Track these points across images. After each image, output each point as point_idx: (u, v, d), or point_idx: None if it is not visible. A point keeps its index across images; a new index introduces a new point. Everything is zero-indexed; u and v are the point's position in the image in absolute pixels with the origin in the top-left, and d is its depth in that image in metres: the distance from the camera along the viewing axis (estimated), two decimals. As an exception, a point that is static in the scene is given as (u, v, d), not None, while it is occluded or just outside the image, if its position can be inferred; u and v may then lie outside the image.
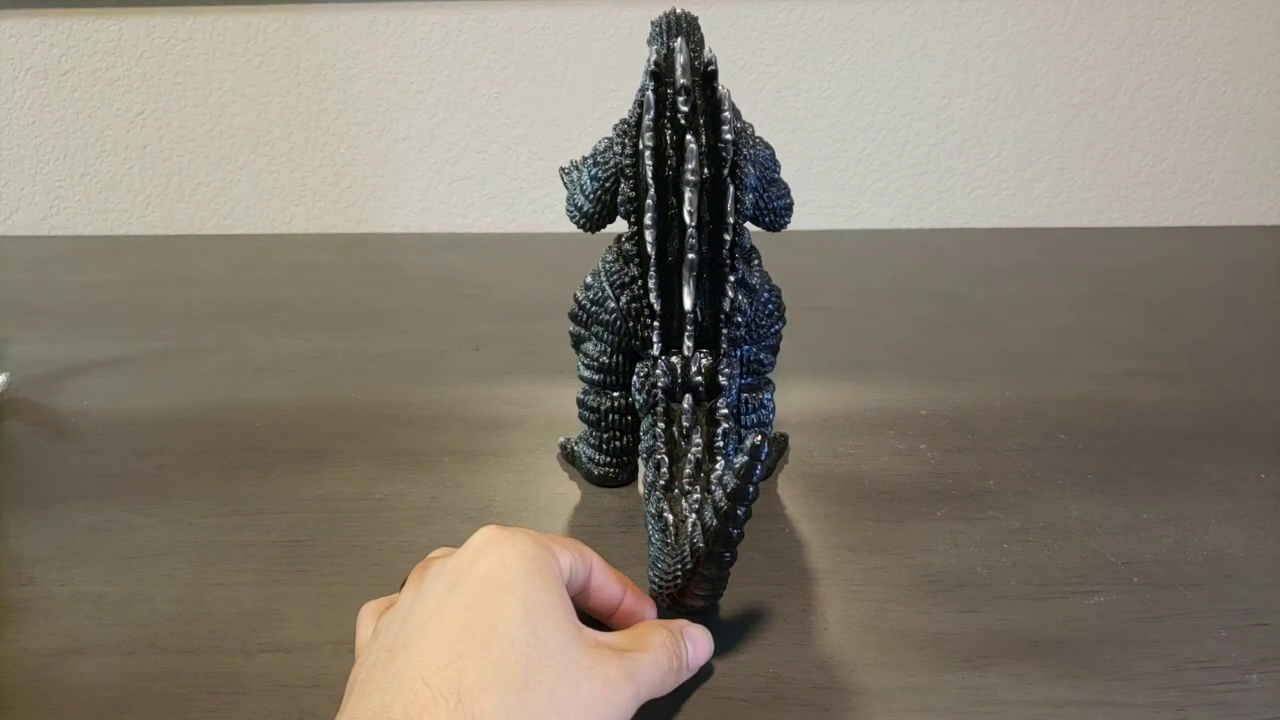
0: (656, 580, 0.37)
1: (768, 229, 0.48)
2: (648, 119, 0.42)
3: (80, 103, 0.97)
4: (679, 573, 0.35)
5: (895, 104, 0.96)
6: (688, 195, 0.41)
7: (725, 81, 0.43)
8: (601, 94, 0.96)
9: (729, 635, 0.38)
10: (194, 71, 0.95)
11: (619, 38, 0.94)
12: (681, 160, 0.42)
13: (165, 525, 0.46)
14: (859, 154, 0.98)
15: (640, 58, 0.49)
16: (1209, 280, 0.81)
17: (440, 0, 0.93)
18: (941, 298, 0.77)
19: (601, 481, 0.49)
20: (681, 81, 0.42)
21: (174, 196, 1.00)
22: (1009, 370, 0.63)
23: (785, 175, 0.49)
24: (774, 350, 0.49)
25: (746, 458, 0.32)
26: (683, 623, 0.35)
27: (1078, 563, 0.43)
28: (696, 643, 0.35)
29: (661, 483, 0.40)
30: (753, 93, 0.94)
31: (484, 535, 0.32)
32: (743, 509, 0.33)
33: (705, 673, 0.36)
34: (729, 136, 0.42)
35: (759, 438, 0.32)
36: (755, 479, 0.33)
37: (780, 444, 0.53)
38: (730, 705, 0.35)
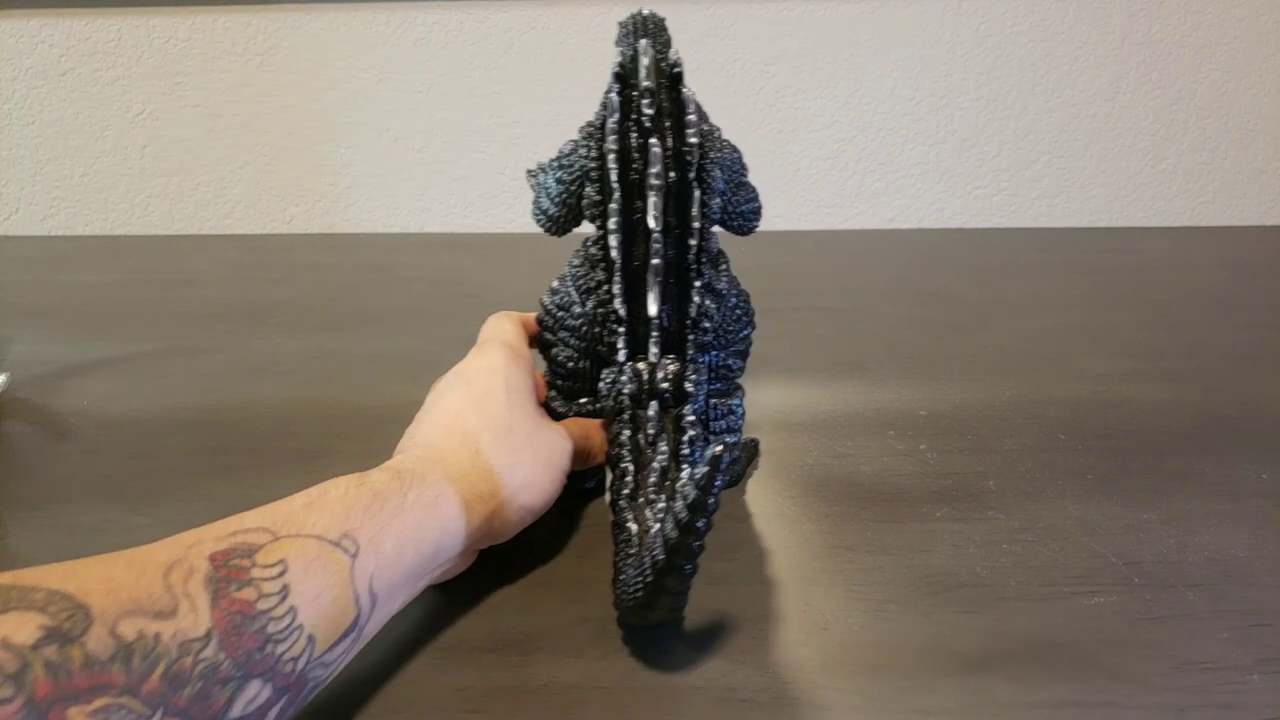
0: (619, 593, 0.36)
1: (736, 233, 0.47)
2: (611, 122, 0.42)
3: (80, 103, 0.97)
4: (640, 585, 0.35)
5: (895, 104, 0.96)
6: (651, 199, 0.41)
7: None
8: (601, 94, 0.95)
9: (729, 635, 0.38)
10: (194, 71, 0.95)
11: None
12: (646, 164, 0.41)
13: (164, 525, 0.46)
14: (858, 154, 0.98)
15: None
16: (1209, 280, 0.81)
17: (440, 0, 0.93)
18: (941, 298, 0.77)
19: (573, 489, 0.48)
20: (645, 84, 0.41)
21: (173, 196, 1.00)
22: (1009, 370, 0.63)
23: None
24: (743, 355, 0.48)
25: (706, 467, 0.32)
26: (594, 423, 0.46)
27: (1078, 563, 0.43)
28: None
29: (626, 491, 0.39)
30: (752, 93, 0.94)
31: (477, 348, 0.45)
32: (702, 521, 0.32)
33: (706, 673, 0.36)
34: (693, 140, 0.42)
35: (719, 447, 0.31)
36: (715, 489, 0.32)
37: (750, 449, 0.52)
38: (730, 705, 0.35)
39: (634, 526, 0.37)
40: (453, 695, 0.35)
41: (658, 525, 0.36)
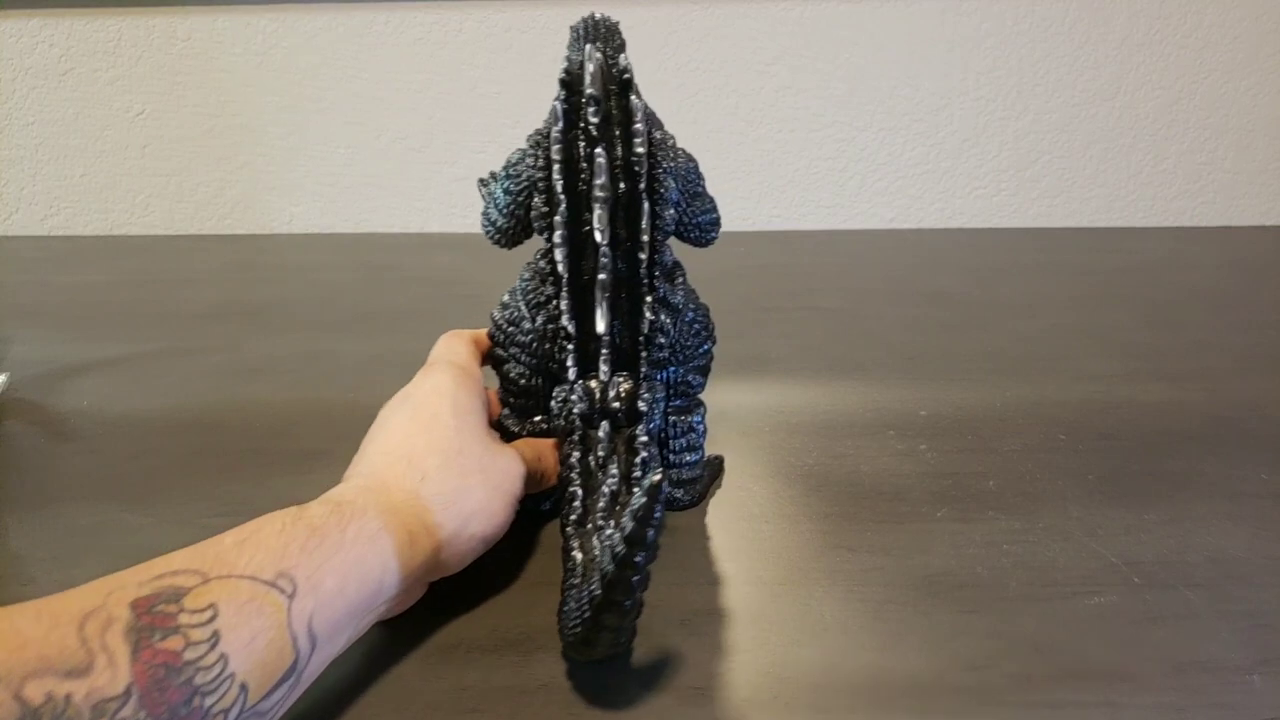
0: (560, 626, 0.35)
1: (694, 244, 0.45)
2: (555, 131, 0.40)
3: (80, 103, 0.97)
4: (578, 620, 0.33)
5: (895, 104, 0.96)
6: (596, 212, 0.39)
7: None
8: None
9: (729, 635, 0.38)
10: (194, 71, 0.95)
11: (619, 38, 0.94)
12: (593, 174, 0.39)
13: (164, 526, 0.46)
14: (858, 154, 0.98)
15: (641, 60, 0.48)
16: (1209, 280, 0.81)
17: (440, 0, 0.93)
18: (941, 298, 0.77)
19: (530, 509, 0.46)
20: (590, 91, 0.39)
21: (173, 196, 1.00)
22: (1009, 370, 0.63)
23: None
24: (704, 371, 0.46)
25: (644, 498, 0.29)
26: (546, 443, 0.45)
27: (1078, 564, 0.43)
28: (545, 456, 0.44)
29: (574, 517, 0.37)
30: (752, 93, 0.94)
31: (425, 368, 0.44)
32: (640, 555, 0.30)
33: (705, 673, 0.36)
34: (640, 150, 0.40)
35: (657, 476, 0.29)
36: (655, 521, 0.30)
37: (715, 467, 0.50)
38: (730, 705, 0.35)
39: (579, 555, 0.35)
40: (453, 695, 0.35)
41: (600, 555, 0.34)
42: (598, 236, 0.39)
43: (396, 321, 0.73)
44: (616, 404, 0.40)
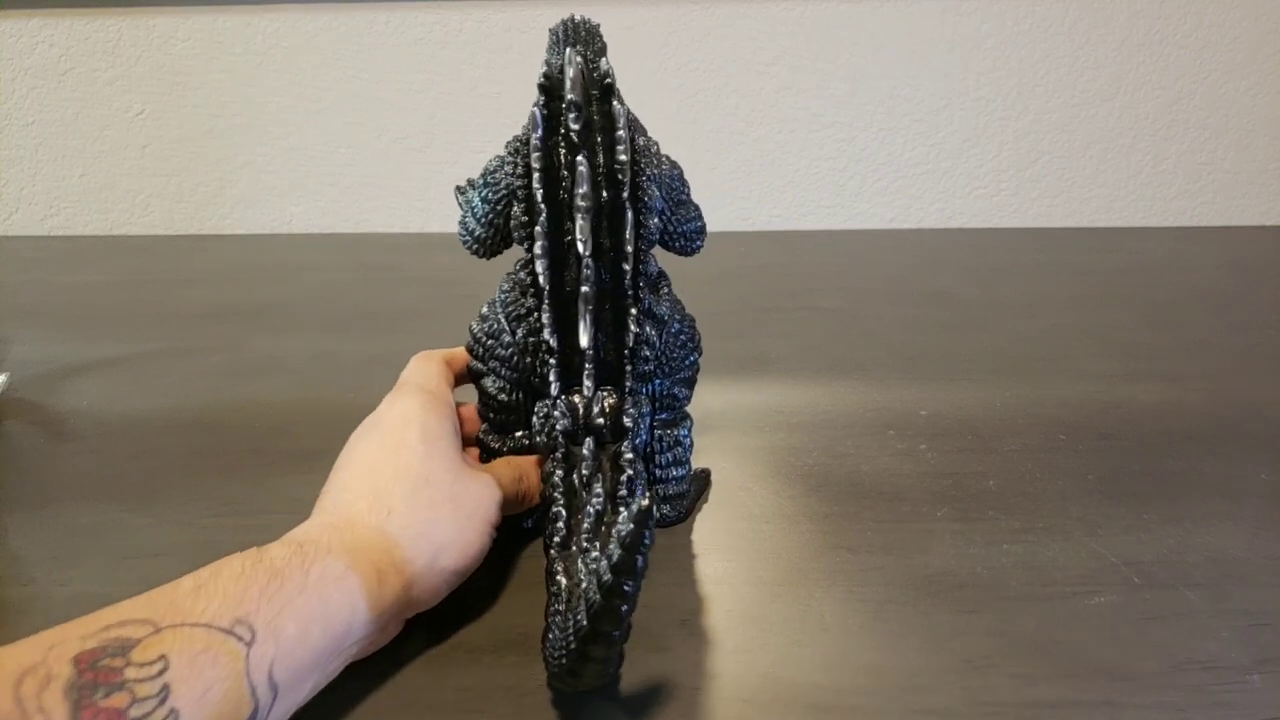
0: (545, 655, 0.33)
1: (679, 253, 0.44)
2: (535, 137, 0.38)
3: (80, 103, 0.97)
4: (563, 651, 0.31)
5: (895, 104, 0.96)
6: (579, 222, 0.38)
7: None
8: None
9: (728, 635, 0.38)
10: (194, 71, 0.95)
11: (619, 39, 0.94)
12: (574, 183, 0.38)
13: (164, 526, 0.46)
14: (858, 154, 0.98)
15: (641, 60, 0.48)
16: (1209, 280, 0.81)
17: (440, 0, 0.93)
18: (941, 298, 0.77)
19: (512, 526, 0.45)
20: (570, 97, 0.38)
21: (173, 196, 1.00)
22: (1009, 370, 0.63)
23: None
24: (690, 383, 0.45)
25: (632, 524, 0.28)
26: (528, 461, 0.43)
27: (1078, 563, 0.43)
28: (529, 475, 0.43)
29: (557, 538, 0.36)
30: (752, 93, 0.94)
31: (394, 392, 0.43)
32: (629, 584, 0.28)
33: (706, 673, 0.36)
34: (623, 157, 0.38)
35: (645, 500, 0.28)
36: (643, 548, 0.28)
37: (701, 481, 0.49)
38: (730, 705, 0.35)
39: (564, 580, 0.34)
40: (453, 695, 0.35)
41: (586, 583, 0.32)
42: (580, 247, 0.38)
43: (396, 321, 0.73)
44: (601, 419, 0.39)
